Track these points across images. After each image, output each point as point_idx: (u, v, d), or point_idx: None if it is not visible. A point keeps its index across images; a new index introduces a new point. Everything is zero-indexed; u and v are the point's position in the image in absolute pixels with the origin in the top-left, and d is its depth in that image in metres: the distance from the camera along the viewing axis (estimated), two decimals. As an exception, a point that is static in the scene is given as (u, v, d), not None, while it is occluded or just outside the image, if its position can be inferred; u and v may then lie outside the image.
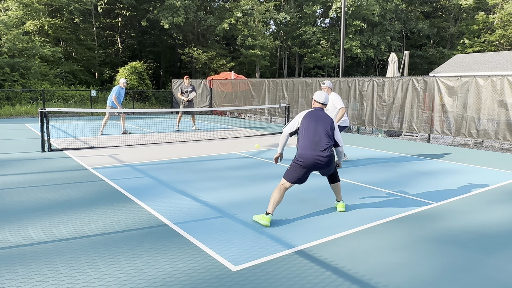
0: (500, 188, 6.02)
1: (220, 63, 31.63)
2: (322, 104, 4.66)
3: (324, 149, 4.34)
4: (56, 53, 25.04)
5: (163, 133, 12.45)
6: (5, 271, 3.14)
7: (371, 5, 33.38)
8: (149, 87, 25.92)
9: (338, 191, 4.80)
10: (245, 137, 11.69)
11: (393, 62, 14.11)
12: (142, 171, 6.84)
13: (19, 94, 21.07)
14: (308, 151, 4.33)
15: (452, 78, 10.83)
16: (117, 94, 11.60)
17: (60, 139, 10.71)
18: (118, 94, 11.63)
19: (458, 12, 37.63)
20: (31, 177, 6.33)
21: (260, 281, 3.02)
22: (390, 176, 6.76)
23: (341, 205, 4.78)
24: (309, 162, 4.32)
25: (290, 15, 34.57)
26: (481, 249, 3.69)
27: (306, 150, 4.34)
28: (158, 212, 4.64)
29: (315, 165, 4.33)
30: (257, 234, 3.99)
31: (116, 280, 3.01)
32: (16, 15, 24.88)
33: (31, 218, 4.38)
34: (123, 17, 34.28)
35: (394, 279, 3.08)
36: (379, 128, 12.79)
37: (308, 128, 4.42)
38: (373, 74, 40.67)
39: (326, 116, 4.54)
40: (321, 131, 4.40)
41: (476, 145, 10.87)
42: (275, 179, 6.39)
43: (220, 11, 34.06)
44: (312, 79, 15.00)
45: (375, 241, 3.85)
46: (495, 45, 34.04)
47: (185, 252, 3.53)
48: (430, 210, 4.87)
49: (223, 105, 19.68)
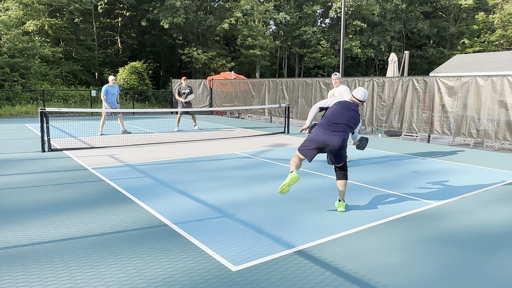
0: (500, 188, 6.03)
1: (220, 63, 31.64)
2: (360, 101, 4.89)
3: (338, 131, 4.60)
4: (56, 53, 25.04)
5: (163, 133, 12.45)
6: (5, 271, 3.14)
7: (371, 5, 33.38)
8: (149, 87, 25.92)
9: (342, 190, 4.79)
10: (245, 137, 11.69)
11: (393, 62, 14.11)
12: (142, 171, 6.84)
13: (19, 94, 21.07)
14: (322, 129, 4.64)
15: (452, 78, 10.83)
16: (105, 93, 11.34)
17: (60, 139, 10.71)
18: (105, 92, 11.35)
19: (458, 12, 37.63)
20: (31, 177, 6.33)
21: (260, 281, 3.02)
22: (390, 176, 6.76)
23: (341, 205, 4.77)
24: (319, 139, 4.58)
25: (290, 15, 34.58)
26: (481, 249, 3.69)
27: (321, 127, 4.65)
28: (158, 212, 4.64)
29: (323, 142, 4.57)
30: (257, 234, 3.99)
31: (116, 280, 3.01)
32: (16, 15, 24.89)
33: (31, 218, 4.38)
34: (123, 17, 34.29)
35: (394, 279, 3.08)
36: (379, 128, 12.79)
37: (333, 112, 4.70)
38: (373, 74, 40.68)
39: (355, 111, 4.76)
40: (344, 120, 4.65)
41: (476, 145, 10.87)
42: (275, 179, 6.39)
43: (220, 11, 34.06)
44: (312, 79, 15.00)
45: (375, 241, 3.85)
46: (495, 45, 34.03)
47: (185, 252, 3.53)
48: (430, 210, 4.87)
49: (223, 105, 19.68)
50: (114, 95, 11.57)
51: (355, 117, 4.73)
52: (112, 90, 11.52)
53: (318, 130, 4.67)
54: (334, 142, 4.54)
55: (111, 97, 11.52)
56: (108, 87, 11.47)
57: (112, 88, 11.53)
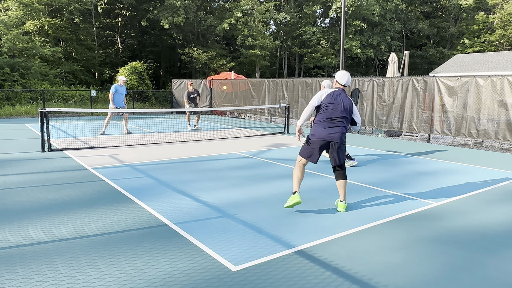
0: (500, 188, 6.02)
1: (220, 63, 31.64)
2: (344, 86, 4.86)
3: (338, 126, 4.64)
4: (56, 53, 25.05)
5: (163, 133, 12.45)
6: (5, 271, 3.14)
7: (371, 5, 33.39)
8: (149, 87, 25.92)
9: (343, 190, 4.79)
10: (245, 137, 11.69)
11: (393, 62, 14.11)
12: (142, 171, 6.84)
13: (19, 94, 21.07)
14: (321, 127, 4.65)
15: (452, 78, 10.83)
16: (114, 92, 11.41)
17: (60, 139, 10.71)
18: (115, 91, 11.42)
19: (458, 12, 37.63)
20: (31, 177, 6.33)
21: (260, 281, 3.02)
22: (390, 176, 6.76)
23: (342, 205, 4.76)
24: (321, 137, 4.62)
25: (290, 15, 34.58)
26: (481, 249, 3.69)
27: (320, 125, 4.66)
28: (158, 212, 4.64)
29: (327, 138, 4.61)
30: (257, 234, 3.99)
31: (116, 280, 3.01)
32: (16, 15, 24.88)
33: (31, 218, 4.38)
34: (123, 17, 34.29)
35: (394, 279, 3.08)
36: (379, 128, 12.79)
37: (327, 106, 4.69)
38: (373, 74, 40.68)
39: (346, 97, 4.76)
40: (340, 111, 4.66)
41: (476, 145, 10.87)
42: (275, 179, 6.39)
43: (220, 11, 34.06)
44: (312, 79, 14.99)
45: (375, 241, 3.85)
46: (495, 45, 34.03)
47: (185, 252, 3.53)
48: (430, 210, 4.87)
49: (223, 105, 19.68)
50: (122, 95, 11.65)
51: (346, 101, 4.71)
52: (121, 90, 11.60)
53: (318, 128, 4.68)
54: (335, 138, 4.61)
55: (119, 97, 11.58)
56: (118, 86, 11.55)
57: (121, 88, 11.62)
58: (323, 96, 4.75)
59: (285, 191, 5.60)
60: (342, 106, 4.67)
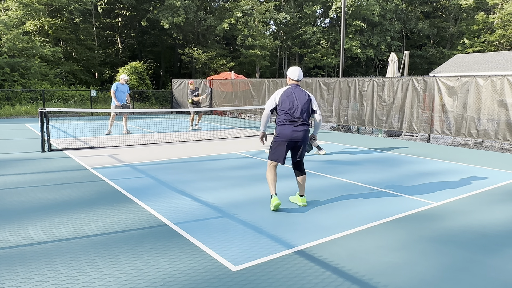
0: (500, 188, 6.03)
1: (220, 63, 31.64)
2: (297, 81, 4.88)
3: (300, 124, 4.69)
4: (56, 53, 25.04)
5: (163, 133, 12.45)
6: (5, 271, 3.14)
7: (371, 5, 33.38)
8: (149, 87, 25.93)
9: (302, 185, 4.95)
10: (245, 137, 11.69)
11: (393, 62, 14.11)
12: (142, 171, 6.84)
13: (19, 94, 21.07)
14: (285, 126, 4.69)
15: (452, 78, 10.83)
16: (115, 90, 11.43)
17: (60, 139, 10.71)
18: (116, 89, 11.44)
19: (458, 12, 37.63)
20: (31, 177, 6.33)
21: (260, 281, 3.02)
22: (390, 176, 6.76)
23: (303, 199, 4.93)
24: (287, 137, 4.67)
25: (290, 15, 34.57)
26: (481, 249, 3.69)
27: (284, 125, 4.69)
28: (158, 212, 4.64)
29: (292, 139, 4.67)
30: (257, 234, 3.99)
31: (116, 280, 3.01)
32: (16, 15, 24.89)
33: (31, 218, 4.38)
34: (123, 17, 34.28)
35: (394, 279, 3.08)
36: (379, 128, 12.79)
37: (285, 105, 4.72)
38: (373, 74, 40.67)
39: (301, 92, 4.80)
40: (298, 107, 4.70)
41: (476, 145, 10.87)
42: (275, 179, 6.38)
43: (220, 11, 34.05)
44: (312, 79, 15.00)
45: (375, 241, 3.85)
46: (495, 45, 34.03)
47: (185, 252, 3.53)
48: (430, 210, 4.87)
49: (223, 105, 19.68)
50: (124, 93, 11.69)
51: (302, 95, 4.73)
52: (122, 88, 11.63)
53: (283, 128, 4.70)
54: (299, 137, 4.68)
55: (121, 95, 11.62)
56: (118, 84, 11.61)
57: (123, 86, 11.66)
58: (278, 97, 4.79)
59: (285, 191, 5.60)
60: (297, 101, 4.70)
